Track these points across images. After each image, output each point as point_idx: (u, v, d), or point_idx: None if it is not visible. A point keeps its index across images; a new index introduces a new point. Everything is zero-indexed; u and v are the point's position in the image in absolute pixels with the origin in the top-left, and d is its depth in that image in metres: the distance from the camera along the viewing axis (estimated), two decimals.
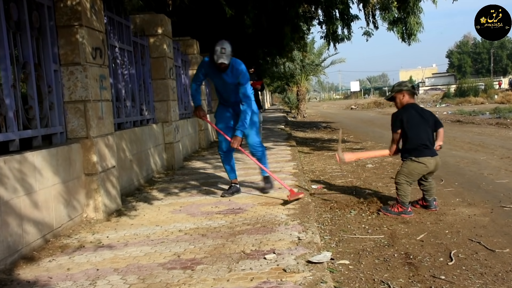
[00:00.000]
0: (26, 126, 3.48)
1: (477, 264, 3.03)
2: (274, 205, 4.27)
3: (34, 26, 3.67)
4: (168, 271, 2.75)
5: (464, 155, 8.13)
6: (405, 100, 4.40)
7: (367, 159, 4.75)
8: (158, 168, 6.48)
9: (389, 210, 4.25)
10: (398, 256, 3.21)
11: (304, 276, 2.54)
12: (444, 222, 4.01)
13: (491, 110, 22.87)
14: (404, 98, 4.40)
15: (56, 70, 3.91)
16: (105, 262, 2.97)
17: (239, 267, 2.74)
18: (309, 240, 3.19)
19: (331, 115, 29.78)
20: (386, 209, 4.29)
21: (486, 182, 5.67)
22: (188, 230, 3.61)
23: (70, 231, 3.70)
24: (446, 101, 38.42)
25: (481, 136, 11.63)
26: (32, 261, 3.04)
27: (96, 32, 4.20)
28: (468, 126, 15.15)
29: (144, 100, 6.26)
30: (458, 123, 16.95)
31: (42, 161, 3.38)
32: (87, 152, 4.02)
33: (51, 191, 3.50)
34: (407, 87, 4.45)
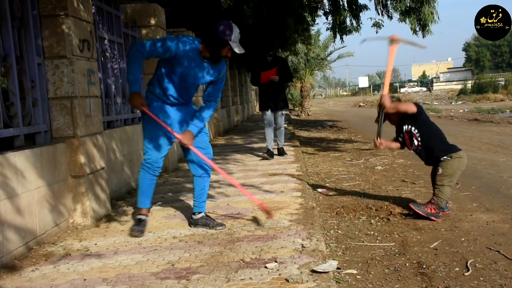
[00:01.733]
0: (7, 124, 3.48)
1: (496, 274, 3.02)
2: (276, 210, 4.27)
3: (16, 15, 3.67)
4: (161, 281, 2.75)
5: (482, 156, 8.12)
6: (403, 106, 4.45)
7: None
8: None
9: (421, 208, 4.23)
10: (410, 265, 3.21)
11: (308, 286, 2.54)
12: (460, 229, 4.01)
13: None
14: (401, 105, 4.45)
15: (40, 64, 3.91)
16: (93, 271, 2.97)
17: (238, 276, 2.74)
18: (313, 247, 3.19)
19: (337, 113, 29.78)
20: (418, 206, 4.26)
21: (506, 186, 5.66)
22: (183, 237, 3.61)
23: (55, 238, 3.70)
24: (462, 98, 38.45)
25: (501, 136, 11.63)
26: (14, 270, 3.04)
27: (83, 23, 4.20)
28: (487, 125, 15.15)
29: None
30: (476, 122, 16.95)
31: (24, 162, 3.38)
32: (74, 152, 4.02)
33: (35, 195, 3.50)
34: (395, 98, 4.59)
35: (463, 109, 25.84)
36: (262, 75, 7.63)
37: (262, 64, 7.78)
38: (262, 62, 7.79)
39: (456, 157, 4.28)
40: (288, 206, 4.40)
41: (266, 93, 7.82)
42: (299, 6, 11.09)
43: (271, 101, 7.73)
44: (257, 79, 7.85)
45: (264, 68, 7.69)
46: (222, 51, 3.54)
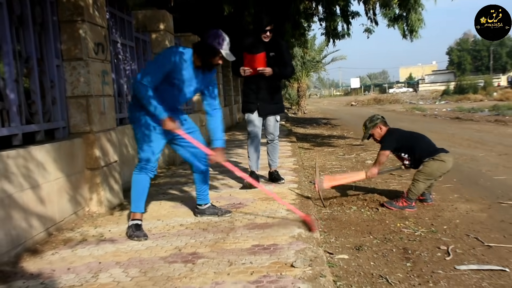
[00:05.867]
0: (29, 120, 3.49)
1: (474, 259, 3.04)
2: (274, 200, 4.27)
3: (37, 21, 3.67)
4: (169, 264, 2.76)
5: (463, 151, 8.13)
6: (384, 131, 4.46)
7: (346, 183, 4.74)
8: (160, 163, 6.48)
9: (393, 204, 4.27)
10: (397, 251, 3.22)
11: (304, 270, 2.55)
12: (442, 217, 4.02)
13: (490, 107, 22.83)
14: (382, 130, 4.47)
15: (59, 65, 3.91)
16: (107, 255, 2.98)
17: (239, 261, 2.75)
18: (308, 235, 3.20)
19: (331, 112, 29.75)
20: (390, 203, 4.30)
21: (484, 178, 5.68)
22: (189, 225, 3.62)
23: (73, 224, 3.72)
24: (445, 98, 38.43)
25: (480, 133, 11.62)
26: (36, 254, 3.05)
27: (98, 28, 4.20)
28: (467, 123, 15.14)
29: None
30: (457, 120, 16.95)
31: (45, 155, 3.39)
32: (89, 147, 4.03)
33: (54, 185, 3.51)
34: (379, 119, 4.51)
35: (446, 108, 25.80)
36: (247, 61, 4.70)
37: (252, 44, 4.74)
38: (253, 41, 4.75)
39: (438, 159, 4.25)
40: (286, 197, 4.40)
41: (252, 88, 4.84)
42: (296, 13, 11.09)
43: (259, 100, 4.83)
44: (238, 64, 4.70)
45: (253, 49, 4.70)
46: (213, 59, 3.38)
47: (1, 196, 2.86)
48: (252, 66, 4.67)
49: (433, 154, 4.27)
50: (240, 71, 4.70)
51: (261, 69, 4.64)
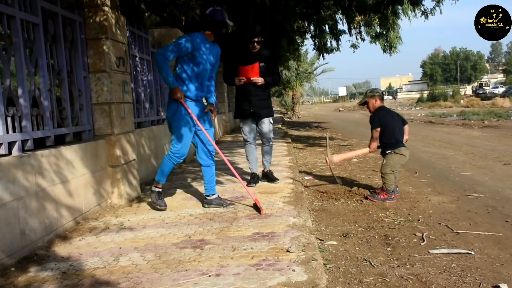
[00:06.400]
0: (60, 124, 3.48)
1: (445, 244, 3.03)
2: (272, 194, 4.27)
3: (68, 38, 3.67)
4: (181, 249, 2.75)
5: (435, 151, 8.12)
6: (377, 104, 4.44)
7: (352, 158, 4.69)
8: None
9: (375, 197, 4.26)
10: (379, 237, 3.21)
11: (298, 255, 2.54)
12: (418, 208, 4.01)
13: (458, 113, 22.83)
14: (376, 102, 4.44)
15: (85, 77, 3.90)
16: (126, 241, 2.98)
17: (241, 246, 2.74)
18: (302, 224, 3.19)
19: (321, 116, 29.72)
20: (373, 196, 4.29)
21: (453, 174, 5.67)
22: (197, 215, 3.61)
23: (97, 214, 3.71)
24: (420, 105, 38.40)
25: (450, 135, 11.61)
26: (65, 240, 3.05)
27: (119, 44, 4.19)
28: (439, 126, 15.13)
29: (160, 102, 6.25)
30: (430, 123, 16.93)
31: (73, 154, 3.38)
32: (111, 147, 4.02)
33: (81, 180, 3.50)
34: (379, 93, 4.51)
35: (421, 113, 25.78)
36: (241, 72, 4.55)
37: (243, 54, 4.57)
38: (244, 51, 4.57)
39: (399, 153, 4.26)
40: (282, 191, 4.39)
41: (246, 95, 4.62)
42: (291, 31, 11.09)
43: (252, 106, 4.60)
44: (231, 75, 4.62)
45: (245, 60, 4.54)
46: (222, 30, 3.66)
47: (36, 189, 2.86)
48: (246, 76, 4.54)
49: (394, 147, 4.27)
50: (235, 81, 4.59)
51: (254, 79, 4.52)
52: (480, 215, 3.76)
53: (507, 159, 6.71)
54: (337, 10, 10.78)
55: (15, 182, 2.66)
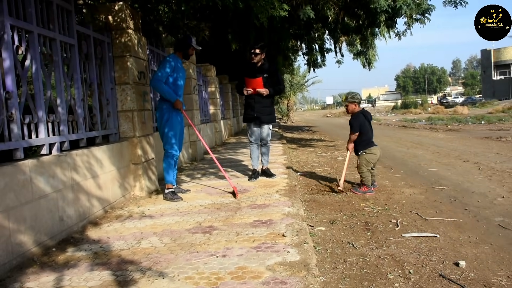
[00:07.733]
0: (91, 128, 3.50)
1: (415, 229, 3.04)
2: (270, 187, 4.28)
3: (98, 56, 3.68)
4: (192, 234, 2.76)
5: (407, 151, 8.12)
6: (357, 109, 4.42)
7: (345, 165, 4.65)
8: (185, 160, 6.49)
9: (358, 190, 4.26)
10: (360, 224, 3.22)
11: (292, 239, 2.55)
12: (393, 199, 4.02)
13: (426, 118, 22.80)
14: (356, 107, 4.42)
15: (112, 88, 3.91)
16: (147, 227, 2.99)
17: (244, 232, 2.75)
18: (295, 212, 3.20)
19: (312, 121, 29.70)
20: (356, 189, 4.29)
21: (422, 170, 5.67)
22: (207, 205, 3.62)
23: (122, 205, 3.72)
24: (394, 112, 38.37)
25: (419, 137, 11.60)
26: (96, 225, 3.06)
27: (141, 60, 4.20)
28: (410, 130, 15.12)
29: None
30: (403, 127, 16.91)
31: (102, 154, 3.40)
32: (133, 147, 4.03)
33: (109, 176, 3.51)
34: (358, 100, 4.45)
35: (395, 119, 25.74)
36: (248, 83, 4.58)
37: (249, 69, 4.60)
38: (251, 67, 4.59)
39: (370, 152, 4.25)
40: (278, 185, 4.40)
41: (252, 103, 4.66)
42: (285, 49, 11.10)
43: (256, 112, 4.63)
44: (241, 86, 4.70)
45: (251, 73, 4.57)
46: (189, 51, 3.94)
47: (72, 183, 2.87)
48: (252, 87, 4.58)
49: (366, 147, 4.27)
50: (243, 91, 4.65)
51: (259, 90, 4.56)
52: (444, 204, 3.77)
53: (466, 157, 6.72)
54: (324, 32, 10.79)
55: (55, 177, 2.68)
